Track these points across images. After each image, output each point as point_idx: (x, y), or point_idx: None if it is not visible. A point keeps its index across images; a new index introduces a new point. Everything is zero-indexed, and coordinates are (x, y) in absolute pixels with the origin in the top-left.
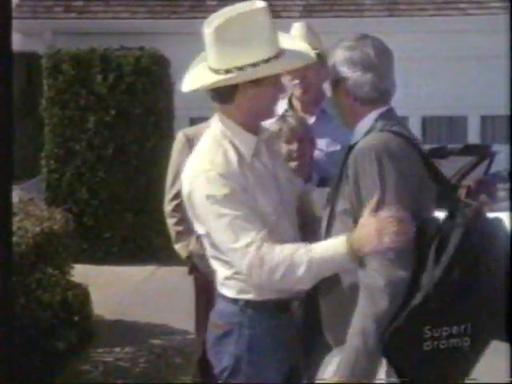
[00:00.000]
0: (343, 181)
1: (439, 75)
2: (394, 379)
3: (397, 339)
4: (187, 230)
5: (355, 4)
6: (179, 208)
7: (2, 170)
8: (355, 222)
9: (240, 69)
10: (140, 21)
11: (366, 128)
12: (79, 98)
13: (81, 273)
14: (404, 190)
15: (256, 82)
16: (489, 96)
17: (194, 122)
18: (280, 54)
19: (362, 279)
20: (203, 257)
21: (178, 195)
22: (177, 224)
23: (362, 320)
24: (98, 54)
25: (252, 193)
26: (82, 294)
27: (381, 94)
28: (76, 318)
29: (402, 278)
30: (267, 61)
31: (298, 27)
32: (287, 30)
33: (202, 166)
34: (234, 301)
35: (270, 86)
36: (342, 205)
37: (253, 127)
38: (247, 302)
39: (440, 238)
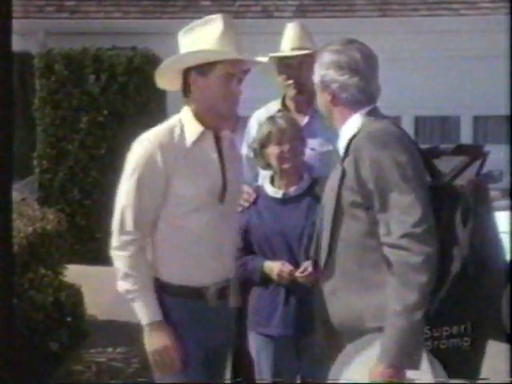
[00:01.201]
0: (347, 175)
1: (431, 75)
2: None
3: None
4: None
5: (347, 4)
6: None
7: (1, 170)
8: (367, 209)
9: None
10: (132, 21)
11: (356, 126)
12: (71, 97)
13: (73, 273)
14: (419, 168)
15: (203, 74)
16: (481, 96)
17: None
18: (229, 53)
19: (393, 259)
20: None
21: None
22: None
23: (401, 300)
24: (91, 53)
25: (173, 173)
26: (74, 295)
27: (366, 97)
28: (69, 319)
29: (434, 251)
30: (209, 52)
31: (291, 27)
32: (280, 29)
33: (147, 135)
34: (156, 280)
35: (218, 78)
36: (348, 197)
37: (206, 119)
38: (166, 285)
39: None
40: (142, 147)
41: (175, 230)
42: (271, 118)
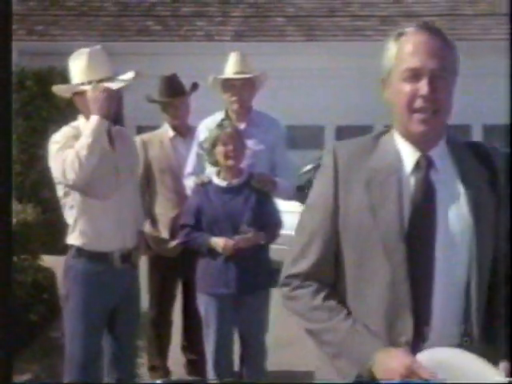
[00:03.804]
0: None
1: (350, 91)
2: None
3: None
4: None
5: (278, 30)
6: None
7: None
8: None
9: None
10: (93, 43)
11: None
12: (41, 110)
13: (47, 260)
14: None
15: (79, 95)
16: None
17: (141, 130)
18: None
19: None
20: (155, 238)
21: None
22: None
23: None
24: (58, 71)
25: None
26: (49, 276)
27: None
28: (45, 296)
29: None
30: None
31: (233, 56)
32: (221, 50)
33: (59, 133)
34: (71, 246)
35: (88, 98)
36: None
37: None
38: (77, 249)
39: None
40: (60, 135)
41: (86, 207)
42: (219, 125)
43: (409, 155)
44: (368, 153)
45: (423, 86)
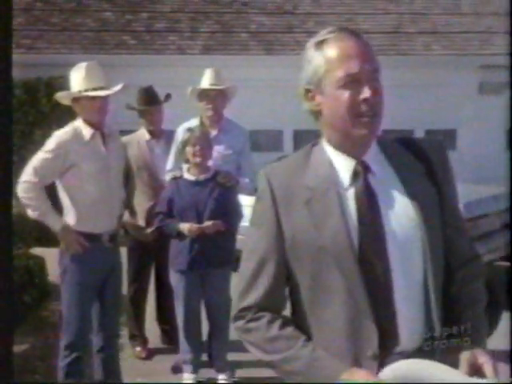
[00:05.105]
0: None
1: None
2: None
3: None
4: None
5: (241, 45)
6: None
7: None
8: None
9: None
10: (75, 56)
11: None
12: (28, 115)
13: (37, 250)
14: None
15: (76, 101)
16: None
17: (120, 133)
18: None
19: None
20: (133, 226)
21: None
22: None
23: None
24: (43, 81)
25: (78, 157)
26: (39, 263)
27: None
28: (36, 280)
29: None
30: (81, 91)
31: (208, 71)
32: (191, 63)
33: (58, 132)
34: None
35: (84, 104)
36: None
37: (94, 124)
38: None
39: None
40: (56, 138)
41: (81, 194)
42: (189, 129)
43: (343, 165)
44: (301, 170)
45: (365, 90)
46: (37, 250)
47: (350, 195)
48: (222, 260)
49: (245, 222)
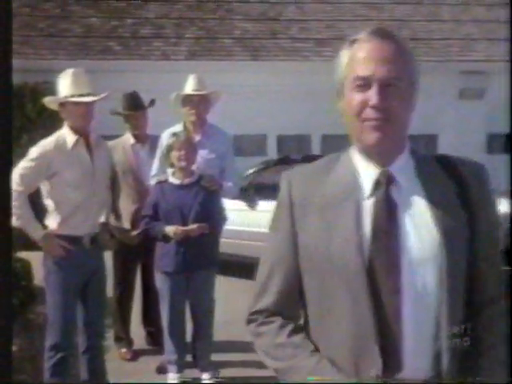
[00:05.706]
0: None
1: (289, 104)
2: None
3: None
4: None
5: (226, 50)
6: None
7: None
8: None
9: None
10: (60, 61)
11: None
12: (14, 120)
13: (23, 254)
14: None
15: (63, 106)
16: (330, 120)
17: (105, 138)
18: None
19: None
20: (119, 228)
21: None
22: None
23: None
24: (29, 86)
25: (61, 166)
26: (26, 266)
27: None
28: (23, 283)
29: None
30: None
31: (191, 78)
32: (176, 68)
33: (42, 142)
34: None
35: (70, 110)
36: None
37: (79, 130)
38: (56, 234)
39: None
40: (39, 148)
41: (64, 200)
42: (174, 134)
43: (367, 173)
44: (323, 177)
45: (372, 96)
46: (23, 254)
47: (369, 205)
48: (206, 262)
49: (228, 226)
